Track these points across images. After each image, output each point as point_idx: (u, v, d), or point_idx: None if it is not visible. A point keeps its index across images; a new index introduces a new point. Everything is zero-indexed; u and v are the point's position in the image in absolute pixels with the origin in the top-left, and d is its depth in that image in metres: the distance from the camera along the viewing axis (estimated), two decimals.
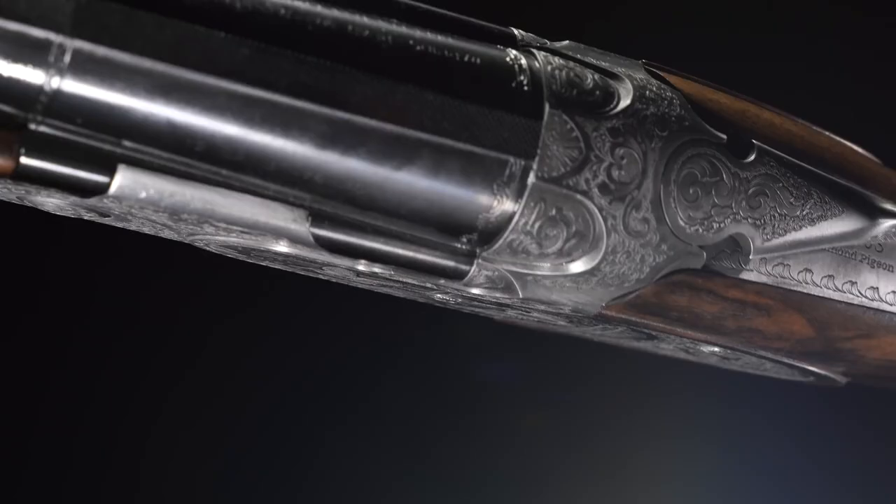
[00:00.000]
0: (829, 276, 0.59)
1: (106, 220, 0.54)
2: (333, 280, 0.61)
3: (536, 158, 0.50)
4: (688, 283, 0.55)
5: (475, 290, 0.54)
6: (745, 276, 0.57)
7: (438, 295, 0.58)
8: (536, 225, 0.51)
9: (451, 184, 0.50)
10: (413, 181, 0.49)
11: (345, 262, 0.53)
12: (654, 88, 0.53)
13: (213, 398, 0.92)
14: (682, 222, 0.53)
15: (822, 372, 0.64)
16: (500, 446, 0.85)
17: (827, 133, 0.61)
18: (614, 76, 0.53)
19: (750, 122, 0.57)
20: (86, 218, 0.54)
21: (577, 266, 0.53)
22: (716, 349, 0.62)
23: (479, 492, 0.92)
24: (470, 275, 0.52)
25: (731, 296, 0.57)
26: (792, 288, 0.58)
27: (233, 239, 0.53)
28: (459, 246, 0.52)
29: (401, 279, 0.55)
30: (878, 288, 0.61)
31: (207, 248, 0.57)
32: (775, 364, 0.64)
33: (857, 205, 0.59)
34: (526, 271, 0.53)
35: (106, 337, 0.90)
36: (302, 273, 0.60)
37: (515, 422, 0.89)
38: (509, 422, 0.91)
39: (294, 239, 0.50)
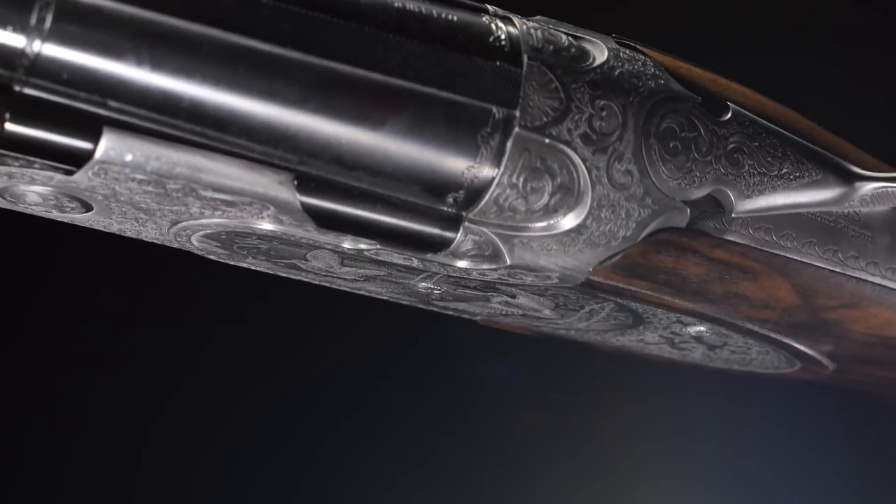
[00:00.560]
0: (811, 241, 0.60)
1: (88, 218, 0.54)
2: (317, 282, 0.61)
3: (519, 107, 0.51)
4: (674, 241, 0.56)
5: (461, 263, 0.54)
6: (729, 236, 0.57)
7: (423, 283, 0.58)
8: (522, 177, 0.51)
9: (436, 135, 0.50)
10: (398, 134, 0.49)
11: (330, 238, 0.52)
12: (627, 52, 0.55)
13: (213, 399, 0.90)
14: (664, 175, 0.54)
15: (809, 351, 0.64)
16: (501, 446, 0.85)
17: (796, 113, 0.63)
18: (588, 41, 0.54)
19: (721, 88, 0.58)
20: (67, 215, 0.54)
21: (565, 223, 0.53)
22: (702, 329, 0.62)
23: (480, 491, 0.91)
24: (456, 241, 0.53)
25: (717, 256, 0.58)
26: (775, 251, 0.59)
27: (216, 220, 0.52)
28: (445, 209, 0.52)
29: (386, 260, 0.55)
30: (858, 257, 0.61)
31: (189, 247, 0.57)
32: (762, 347, 0.64)
33: (832, 170, 0.59)
34: (513, 233, 0.53)
35: (104, 341, 0.89)
36: (284, 272, 0.60)
37: (515, 422, 0.89)
38: (509, 422, 0.91)
39: (280, 206, 0.50)
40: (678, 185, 0.55)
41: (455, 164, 0.51)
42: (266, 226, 0.52)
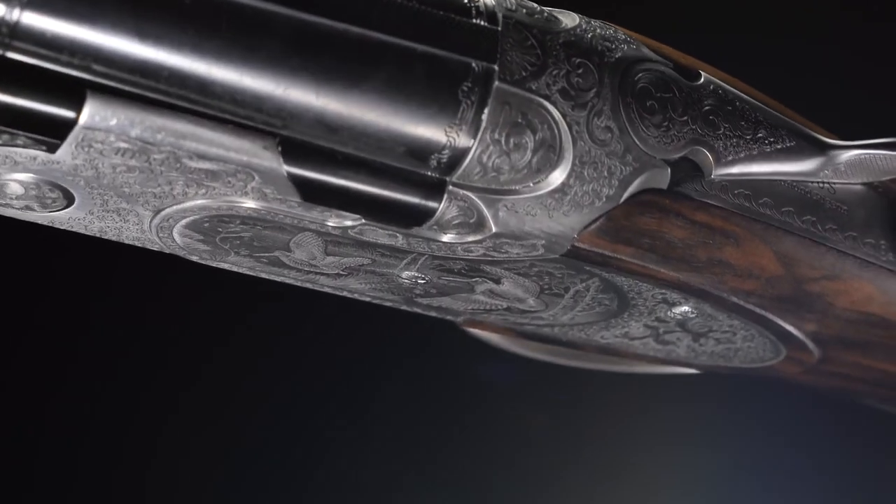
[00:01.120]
0: (789, 210, 0.60)
1: (69, 216, 0.53)
2: (299, 283, 0.60)
3: (497, 62, 0.51)
4: (656, 203, 0.56)
5: (446, 237, 0.54)
6: (710, 200, 0.58)
7: (406, 273, 0.58)
8: (504, 133, 0.51)
9: (417, 91, 0.50)
10: (379, 89, 0.50)
11: (315, 215, 0.52)
12: (598, 21, 0.56)
13: (218, 402, 0.92)
14: (643, 133, 0.55)
15: (794, 331, 0.64)
16: (500, 446, 0.85)
17: None
18: (557, 11, 0.55)
19: (690, 61, 0.59)
20: (47, 213, 0.53)
21: (548, 182, 0.53)
22: (687, 309, 0.62)
23: (480, 491, 0.91)
24: (441, 209, 0.52)
25: (699, 219, 0.58)
26: (755, 217, 0.59)
27: (200, 201, 0.52)
28: (429, 174, 0.52)
29: (370, 240, 0.55)
30: (836, 229, 0.62)
31: (172, 245, 0.56)
32: (747, 331, 0.64)
33: (805, 138, 0.60)
34: (497, 196, 0.53)
35: (108, 349, 0.91)
36: (267, 272, 0.59)
37: (515, 422, 0.89)
38: (509, 422, 0.90)
39: (265, 174, 0.50)
40: (657, 143, 0.55)
41: (437, 120, 0.51)
42: (250, 203, 0.52)
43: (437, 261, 0.57)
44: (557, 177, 0.53)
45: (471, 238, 0.55)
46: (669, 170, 0.56)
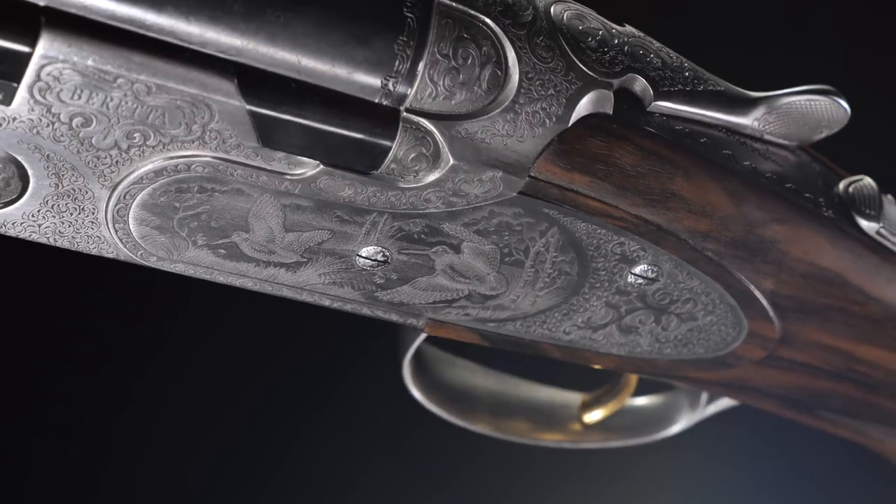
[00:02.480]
0: (729, 154, 0.63)
1: (21, 209, 0.53)
2: (258, 286, 0.60)
3: None
4: (605, 127, 0.59)
5: (405, 182, 0.55)
6: (655, 131, 0.60)
7: (366, 249, 0.58)
8: (450, 48, 0.54)
9: (364, 9, 0.52)
10: (326, 11, 0.51)
11: (274, 165, 0.53)
12: None
13: (229, 401, 0.94)
14: (581, 55, 0.57)
15: (753, 289, 0.65)
16: (500, 446, 0.84)
17: None
18: None
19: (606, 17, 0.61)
20: (2, 200, 0.54)
21: (499, 103, 0.55)
22: (646, 267, 0.63)
23: (479, 491, 0.91)
24: (397, 141, 0.54)
25: (647, 147, 0.60)
26: (700, 153, 0.61)
27: (158, 162, 0.53)
28: (382, 102, 0.54)
29: (330, 199, 0.55)
30: (776, 179, 0.64)
31: (129, 242, 0.56)
32: (708, 295, 0.65)
33: (729, 87, 0.64)
34: (451, 122, 0.55)
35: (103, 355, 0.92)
36: (225, 274, 0.59)
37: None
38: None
39: (223, 109, 0.51)
40: (596, 65, 0.58)
41: (385, 38, 0.53)
42: (207, 154, 0.53)
43: (397, 223, 0.58)
44: (507, 95, 0.55)
45: (430, 178, 0.56)
46: (612, 95, 0.58)
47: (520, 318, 0.65)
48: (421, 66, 0.54)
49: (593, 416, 0.83)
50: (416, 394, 0.78)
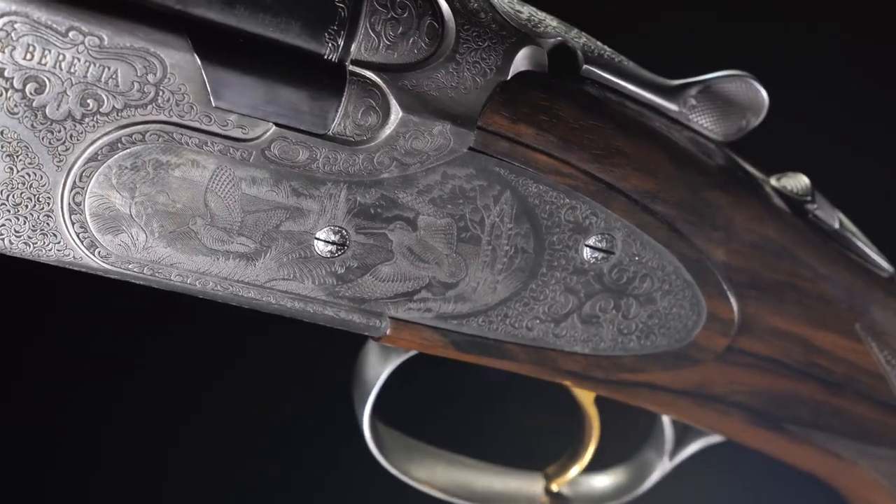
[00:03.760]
0: (665, 122, 0.65)
1: None
2: (219, 286, 0.58)
3: None
4: (544, 81, 0.61)
5: (357, 143, 0.56)
6: (589, 89, 0.63)
7: (323, 232, 0.58)
8: None
9: None
10: None
11: (229, 132, 0.54)
12: None
13: (229, 402, 0.95)
14: (508, 13, 0.60)
15: (706, 261, 0.65)
16: (501, 445, 0.82)
17: None
18: None
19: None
20: None
21: (440, 54, 0.57)
22: (598, 238, 0.63)
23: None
24: (346, 95, 0.55)
25: (586, 103, 0.62)
26: (636, 118, 0.64)
27: (117, 131, 0.53)
28: (328, 56, 0.55)
29: (286, 161, 0.55)
30: (710, 157, 0.66)
31: (86, 239, 0.56)
32: (664, 270, 0.65)
33: (652, 74, 0.66)
34: (397, 74, 0.56)
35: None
36: (181, 276, 0.58)
37: (515, 421, 0.86)
38: (509, 421, 0.88)
39: (176, 64, 0.52)
40: (525, 24, 0.60)
41: None
42: (161, 117, 0.54)
43: (353, 195, 0.58)
44: (447, 46, 0.58)
45: (381, 136, 0.57)
46: (546, 56, 0.61)
47: (482, 312, 0.64)
48: (362, 16, 0.56)
49: (562, 481, 0.80)
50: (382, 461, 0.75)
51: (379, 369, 0.71)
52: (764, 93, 0.68)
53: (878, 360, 0.72)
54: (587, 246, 0.64)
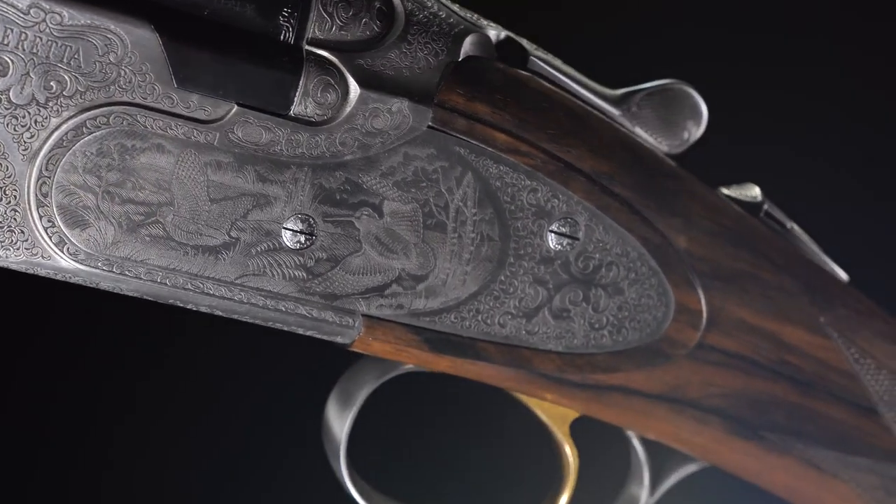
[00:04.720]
0: (613, 121, 0.67)
1: None
2: (190, 283, 0.58)
3: None
4: (492, 64, 0.63)
5: (320, 123, 0.57)
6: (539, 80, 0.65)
7: (290, 223, 0.59)
8: None
9: None
10: None
11: (193, 113, 0.55)
12: None
13: (230, 403, 0.96)
14: (455, 7, 0.62)
15: (670, 248, 0.66)
16: (500, 446, 0.80)
17: None
18: None
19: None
20: None
21: (393, 34, 0.59)
22: (563, 222, 0.64)
23: (479, 491, 0.89)
24: (304, 75, 0.57)
25: (536, 86, 0.64)
26: (586, 108, 0.65)
27: (75, 117, 0.53)
28: (283, 38, 0.57)
29: (249, 145, 0.57)
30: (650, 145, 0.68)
31: (54, 236, 0.55)
32: (629, 260, 0.66)
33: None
34: (353, 54, 0.58)
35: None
36: (149, 278, 0.58)
37: (515, 421, 0.84)
38: (509, 421, 0.84)
39: (137, 42, 0.53)
40: (470, 17, 0.63)
41: None
42: (124, 98, 0.54)
43: (318, 179, 0.59)
44: (398, 27, 0.60)
45: (341, 115, 0.59)
46: (494, 45, 0.63)
47: (453, 308, 0.64)
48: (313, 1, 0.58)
49: None
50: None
51: (344, 417, 0.70)
52: (698, 99, 0.70)
53: (847, 357, 0.73)
54: (551, 232, 0.65)
